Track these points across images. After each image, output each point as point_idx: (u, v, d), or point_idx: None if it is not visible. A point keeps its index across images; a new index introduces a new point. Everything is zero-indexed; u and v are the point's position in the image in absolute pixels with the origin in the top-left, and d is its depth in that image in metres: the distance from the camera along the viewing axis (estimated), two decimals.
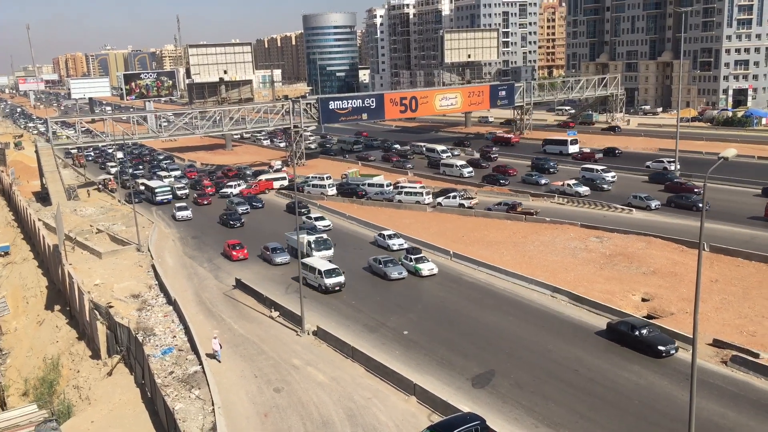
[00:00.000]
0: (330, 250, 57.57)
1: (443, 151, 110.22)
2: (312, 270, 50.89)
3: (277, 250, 58.60)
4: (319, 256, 55.46)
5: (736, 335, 38.64)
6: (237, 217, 74.79)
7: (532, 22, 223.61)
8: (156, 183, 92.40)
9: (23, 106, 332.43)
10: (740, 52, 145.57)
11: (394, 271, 52.10)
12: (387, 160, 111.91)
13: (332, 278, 49.71)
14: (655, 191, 75.47)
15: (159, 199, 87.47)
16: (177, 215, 77.32)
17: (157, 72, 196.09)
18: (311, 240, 57.79)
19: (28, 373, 50.38)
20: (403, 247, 59.87)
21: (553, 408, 32.20)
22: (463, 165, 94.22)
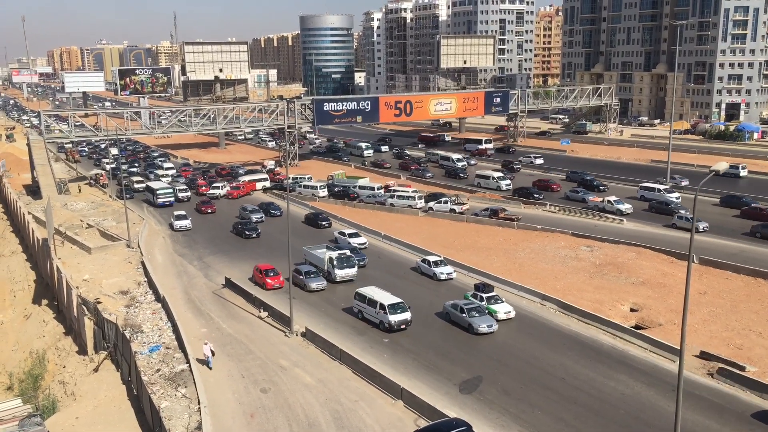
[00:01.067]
0: (354, 269, 52.63)
1: (458, 160, 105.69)
2: (372, 303, 43.58)
3: (311, 273, 51.54)
4: (342, 275, 51.64)
5: (723, 348, 38.86)
6: (253, 227, 68.32)
7: (528, 30, 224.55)
8: (157, 184, 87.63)
9: (16, 99, 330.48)
10: (734, 67, 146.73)
11: (482, 322, 41.84)
12: (404, 168, 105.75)
13: (397, 314, 42.36)
14: (728, 216, 70.00)
15: (160, 201, 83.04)
16: (175, 225, 70.79)
17: (152, 68, 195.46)
18: (333, 256, 52.76)
19: (13, 367, 50.03)
20: (451, 276, 52.56)
21: (540, 416, 32.26)
22: (500, 177, 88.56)
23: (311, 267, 52.60)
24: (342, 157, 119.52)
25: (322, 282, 50.83)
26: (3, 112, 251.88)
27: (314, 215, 72.76)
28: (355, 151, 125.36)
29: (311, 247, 56.28)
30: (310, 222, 71.78)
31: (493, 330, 41.79)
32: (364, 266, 55.55)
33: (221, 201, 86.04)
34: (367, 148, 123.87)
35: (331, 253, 53.44)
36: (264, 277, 51.57)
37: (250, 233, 67.17)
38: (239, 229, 68.51)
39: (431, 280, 52.78)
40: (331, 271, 52.15)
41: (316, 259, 53.91)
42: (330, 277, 52.26)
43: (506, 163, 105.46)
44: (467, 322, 42.31)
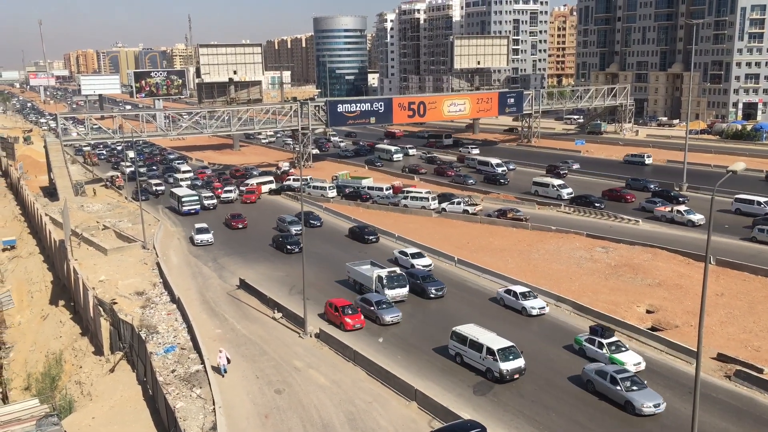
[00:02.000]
0: (405, 289, 47.78)
1: (498, 165, 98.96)
2: (475, 346, 36.40)
3: (383, 304, 44.74)
4: (392, 296, 46.84)
5: (741, 350, 38.44)
6: (294, 240, 62.74)
7: (542, 31, 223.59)
8: (182, 191, 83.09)
9: (34, 101, 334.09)
10: (751, 66, 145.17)
11: (645, 399, 31.96)
12: (440, 173, 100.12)
13: (510, 361, 35.13)
14: None
15: (186, 209, 78.55)
16: (196, 239, 65.38)
17: (167, 71, 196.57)
18: (383, 275, 47.96)
19: (30, 367, 50.50)
20: (543, 311, 44.71)
21: (554, 418, 32.07)
22: (561, 185, 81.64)
23: (383, 296, 46.15)
24: (375, 162, 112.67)
25: (396, 314, 44.17)
26: (21, 114, 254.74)
27: (359, 228, 66.45)
28: (383, 154, 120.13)
29: (355, 264, 51.87)
30: (356, 236, 65.73)
31: (661, 410, 31.87)
32: (442, 296, 48.51)
33: (248, 210, 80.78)
34: (396, 152, 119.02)
35: (380, 270, 48.73)
36: (342, 316, 43.14)
37: (292, 247, 61.54)
38: (279, 242, 62.74)
39: (519, 315, 45.03)
40: (379, 291, 47.55)
41: (362, 277, 49.66)
42: None
43: (551, 168, 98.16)
44: (624, 398, 32.28)
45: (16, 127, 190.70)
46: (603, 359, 36.72)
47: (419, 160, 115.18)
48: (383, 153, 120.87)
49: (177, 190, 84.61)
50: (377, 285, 47.70)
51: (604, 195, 79.67)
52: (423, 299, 48.32)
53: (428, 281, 49.39)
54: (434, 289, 48.62)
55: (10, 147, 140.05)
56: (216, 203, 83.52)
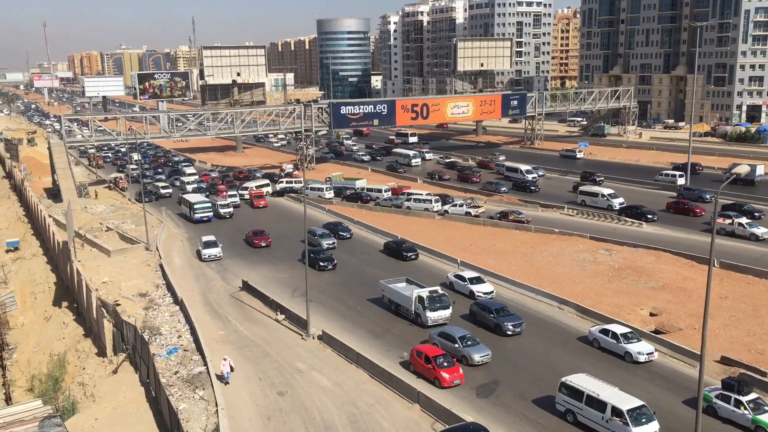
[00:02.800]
0: (448, 310, 43.46)
1: (528, 171, 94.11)
2: (594, 403, 30.49)
3: (468, 340, 38.44)
4: (434, 318, 42.85)
5: (745, 353, 38.32)
6: (327, 256, 57.51)
7: (545, 33, 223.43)
8: (195, 197, 79.02)
9: (38, 103, 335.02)
10: (755, 68, 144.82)
11: None
12: (464, 179, 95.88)
13: (642, 426, 29.12)
14: None
15: (198, 216, 74.89)
16: (203, 253, 60.35)
17: (170, 72, 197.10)
18: (424, 295, 43.46)
19: (33, 368, 50.60)
20: (652, 357, 37.68)
21: (557, 420, 31.97)
22: (612, 194, 75.27)
23: (463, 330, 39.83)
24: (397, 168, 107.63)
25: (486, 353, 37.71)
26: (25, 116, 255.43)
27: (396, 244, 60.88)
28: (400, 159, 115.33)
29: (390, 281, 47.46)
30: (392, 252, 60.19)
31: None
32: (519, 334, 41.90)
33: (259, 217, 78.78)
34: (414, 156, 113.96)
35: (420, 290, 44.08)
36: (436, 369, 35.42)
37: (325, 264, 56.16)
38: (311, 259, 54.96)
39: (621, 360, 38.11)
40: (420, 313, 43.35)
41: (399, 297, 45.38)
42: (418, 320, 43.79)
43: (587, 175, 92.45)
44: None
45: (20, 128, 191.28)
46: (743, 421, 30.75)
47: (437, 165, 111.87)
48: (401, 157, 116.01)
49: (189, 196, 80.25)
50: (417, 306, 43.65)
51: (669, 207, 73.26)
52: (497, 336, 41.37)
53: (504, 315, 42.55)
54: (511, 325, 41.63)
55: (14, 148, 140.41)
56: (232, 212, 79.05)
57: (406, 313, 44.98)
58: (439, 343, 38.73)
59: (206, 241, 61.84)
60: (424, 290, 44.32)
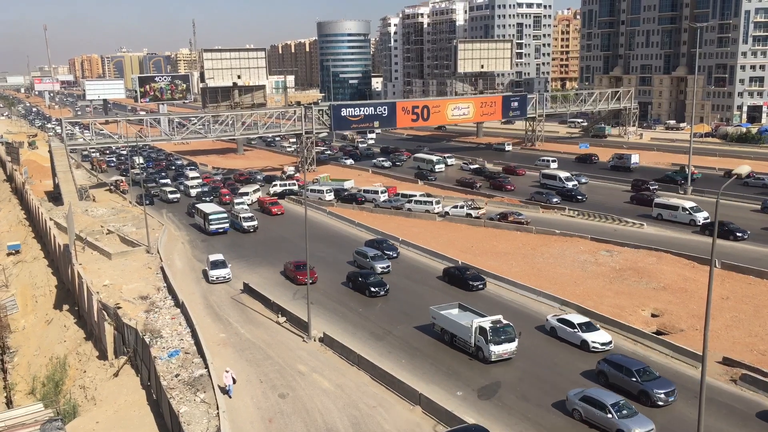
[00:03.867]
0: (513, 343, 37.97)
1: (567, 179, 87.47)
2: None
3: (623, 408, 30.62)
4: (499, 353, 37.37)
5: (747, 353, 38.25)
6: (379, 281, 50.30)
7: (546, 34, 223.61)
8: (210, 207, 73.43)
9: (38, 107, 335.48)
10: (755, 69, 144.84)
11: None
12: (498, 187, 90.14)
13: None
14: None
15: (213, 228, 69.79)
16: (211, 275, 54.46)
17: (171, 75, 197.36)
18: (486, 326, 38.04)
19: (35, 371, 50.59)
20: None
21: (559, 422, 31.92)
22: (695, 207, 67.76)
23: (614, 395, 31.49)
24: (427, 176, 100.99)
25: (650, 427, 29.82)
26: (26, 120, 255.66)
27: (459, 270, 52.06)
28: (423, 164, 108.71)
29: (441, 307, 42.38)
30: (454, 279, 51.42)
31: None
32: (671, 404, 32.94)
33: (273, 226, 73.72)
34: (438, 162, 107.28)
35: (480, 319, 38.86)
36: None
37: (377, 290, 49.40)
38: (360, 283, 50.32)
39: None
40: (482, 346, 37.94)
41: (455, 327, 40.11)
42: (479, 354, 38.24)
43: (639, 183, 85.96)
44: None
45: (21, 131, 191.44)
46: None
47: (461, 171, 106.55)
48: (423, 163, 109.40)
49: (203, 206, 74.41)
50: (478, 338, 38.36)
51: None
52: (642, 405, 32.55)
53: (649, 378, 33.55)
54: (664, 393, 32.73)
55: (15, 152, 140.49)
56: (257, 225, 72.03)
57: (463, 346, 39.41)
58: (581, 409, 31.39)
59: (214, 260, 55.99)
60: (486, 319, 38.90)
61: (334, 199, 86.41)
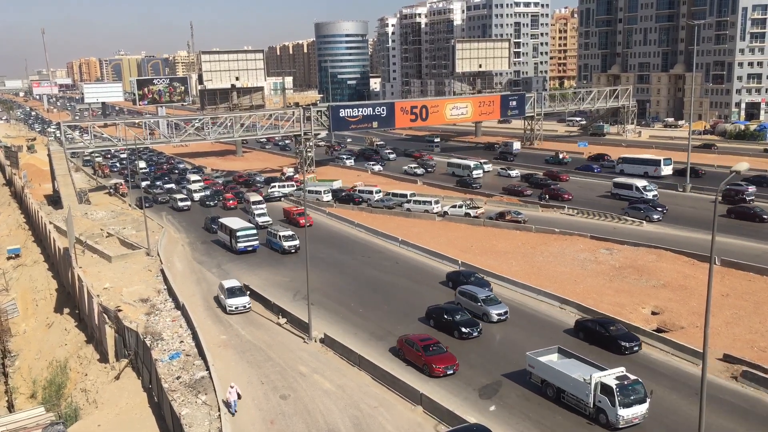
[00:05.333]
0: (644, 405, 30.90)
1: (646, 188, 77.77)
2: None
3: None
4: (628, 417, 30.36)
5: (747, 350, 38.30)
6: (469, 320, 42.16)
7: (543, 33, 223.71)
8: (237, 223, 65.29)
9: (37, 110, 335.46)
10: (753, 66, 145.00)
11: None
12: (554, 197, 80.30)
13: None
14: None
15: (242, 246, 62.45)
16: (228, 304, 47.58)
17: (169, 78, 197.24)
18: (611, 383, 30.81)
19: (36, 375, 50.58)
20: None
21: (560, 420, 31.95)
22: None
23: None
24: (470, 184, 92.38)
25: None
26: (25, 124, 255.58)
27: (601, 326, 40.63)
28: (458, 170, 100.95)
29: (538, 353, 35.50)
30: (591, 336, 40.70)
31: None
32: None
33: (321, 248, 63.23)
34: (476, 168, 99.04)
35: (601, 374, 31.67)
36: None
37: (469, 330, 41.18)
38: (446, 321, 42.28)
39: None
40: (606, 409, 30.74)
41: (565, 380, 32.79)
42: (601, 417, 31.06)
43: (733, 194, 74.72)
44: None
45: (19, 135, 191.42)
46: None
47: (500, 177, 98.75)
48: (459, 169, 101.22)
49: (228, 221, 66.62)
50: (599, 397, 31.04)
51: None
52: None
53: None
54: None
55: (14, 156, 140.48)
56: (298, 245, 62.48)
57: (576, 405, 32.22)
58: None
59: (230, 287, 48.70)
60: (609, 374, 31.55)
61: (332, 200, 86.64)
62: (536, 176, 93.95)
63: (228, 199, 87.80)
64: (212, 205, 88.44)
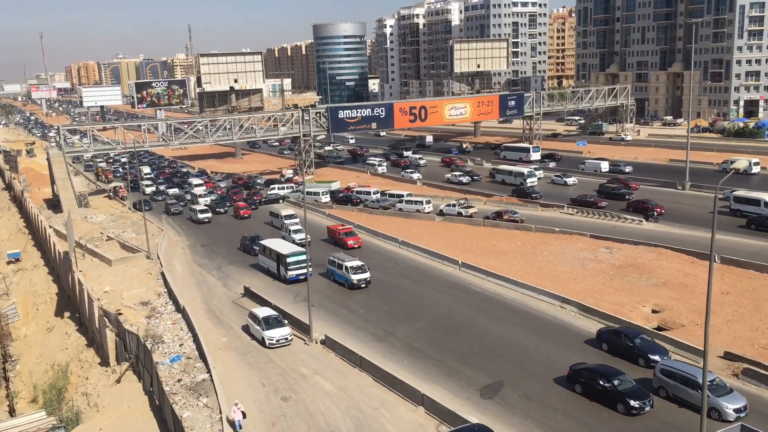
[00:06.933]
0: None
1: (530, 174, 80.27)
2: None
3: None
4: None
5: (748, 348, 38.29)
6: (638, 389, 32.48)
7: (541, 33, 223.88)
8: (286, 247, 56.05)
9: (36, 114, 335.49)
10: (751, 63, 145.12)
11: None
12: (640, 210, 70.68)
13: None
14: None
15: (293, 275, 53.44)
16: (267, 337, 41.82)
17: (168, 81, 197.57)
18: None
19: (37, 379, 50.57)
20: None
21: (562, 420, 31.95)
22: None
23: None
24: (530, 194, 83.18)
25: None
26: (25, 128, 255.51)
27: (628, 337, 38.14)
28: (509, 178, 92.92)
29: None
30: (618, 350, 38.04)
31: None
32: None
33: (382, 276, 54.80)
34: (530, 175, 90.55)
35: None
36: None
37: (639, 404, 31.67)
38: (603, 391, 32.92)
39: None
40: None
41: None
42: None
43: None
44: None
45: (18, 140, 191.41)
46: None
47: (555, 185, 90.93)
48: (509, 176, 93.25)
49: (274, 243, 57.40)
50: None
51: None
52: None
53: None
54: None
55: (14, 160, 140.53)
56: (369, 278, 52.34)
57: None
58: None
59: (265, 317, 42.78)
60: None
61: (330, 201, 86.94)
62: (606, 185, 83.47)
63: (241, 208, 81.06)
64: (222, 212, 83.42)
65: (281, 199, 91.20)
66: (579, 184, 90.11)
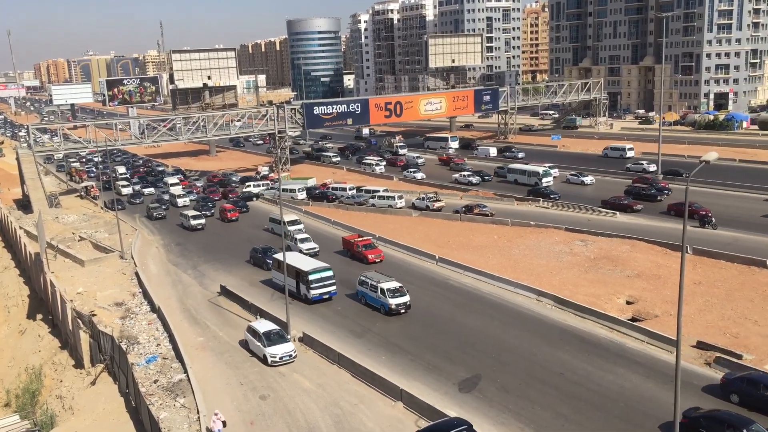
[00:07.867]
0: None
1: None
2: None
3: None
4: None
5: (720, 337, 38.96)
6: None
7: (515, 27, 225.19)
8: (308, 263, 49.67)
9: (4, 113, 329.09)
10: (721, 57, 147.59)
11: None
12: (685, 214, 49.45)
13: None
14: None
15: (316, 294, 47.84)
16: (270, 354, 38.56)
17: (140, 78, 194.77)
18: None
19: (9, 383, 49.70)
20: None
21: (539, 412, 32.24)
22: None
23: None
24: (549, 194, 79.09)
25: None
26: None
27: None
28: (522, 177, 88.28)
29: None
30: None
31: None
32: None
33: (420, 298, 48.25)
34: (545, 175, 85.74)
35: None
36: None
37: None
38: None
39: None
40: None
41: None
42: None
43: None
44: None
45: None
46: None
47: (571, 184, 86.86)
48: (523, 176, 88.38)
49: (295, 260, 49.92)
50: None
51: None
52: None
53: None
54: None
55: None
56: (409, 302, 45.40)
57: None
58: None
59: (266, 332, 39.52)
60: None
61: (306, 198, 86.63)
62: (633, 186, 79.35)
63: (227, 210, 76.42)
64: (210, 214, 78.42)
65: (255, 197, 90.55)
66: (597, 183, 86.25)
